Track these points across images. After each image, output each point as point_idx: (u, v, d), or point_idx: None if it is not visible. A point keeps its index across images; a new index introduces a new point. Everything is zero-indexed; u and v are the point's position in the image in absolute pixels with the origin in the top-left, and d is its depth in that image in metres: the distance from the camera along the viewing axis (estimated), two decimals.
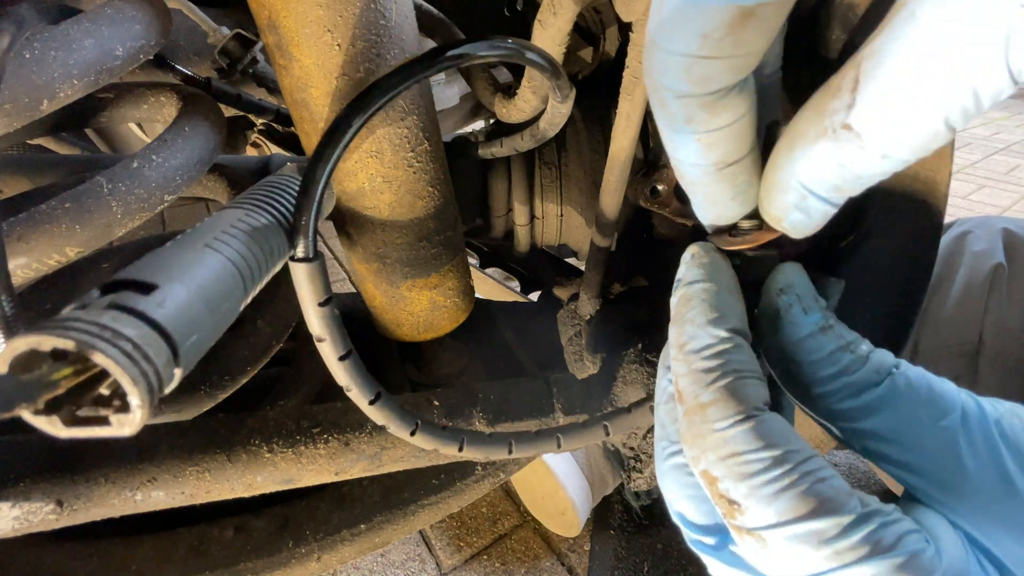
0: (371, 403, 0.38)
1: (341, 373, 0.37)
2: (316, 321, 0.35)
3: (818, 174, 0.21)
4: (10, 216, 0.33)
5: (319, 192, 0.33)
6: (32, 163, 0.54)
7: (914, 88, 0.17)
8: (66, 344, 0.18)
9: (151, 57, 0.40)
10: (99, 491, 0.37)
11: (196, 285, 0.24)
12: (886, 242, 0.39)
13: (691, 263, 0.27)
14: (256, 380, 0.49)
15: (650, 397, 0.44)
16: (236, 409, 0.46)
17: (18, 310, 0.30)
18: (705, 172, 0.24)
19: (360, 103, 0.35)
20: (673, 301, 0.27)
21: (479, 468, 0.55)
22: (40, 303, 0.50)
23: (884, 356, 0.25)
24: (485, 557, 1.20)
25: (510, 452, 0.41)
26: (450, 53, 0.34)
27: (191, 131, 0.41)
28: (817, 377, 0.25)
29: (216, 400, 0.44)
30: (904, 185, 0.37)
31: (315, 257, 0.34)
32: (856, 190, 0.22)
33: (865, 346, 0.26)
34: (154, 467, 0.39)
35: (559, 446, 0.42)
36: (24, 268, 0.34)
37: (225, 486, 0.40)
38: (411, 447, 0.43)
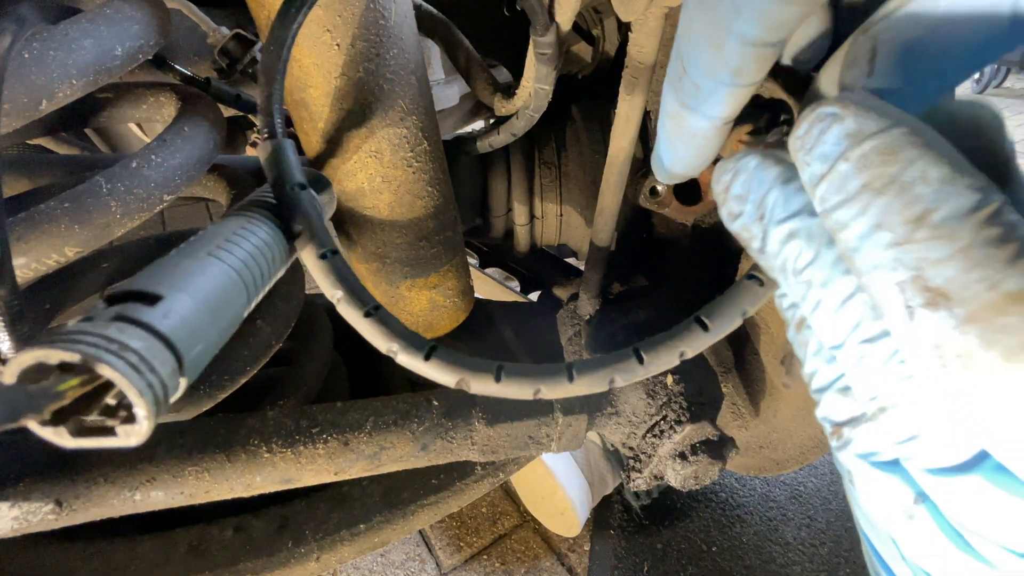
0: (426, 360, 0.29)
1: (375, 334, 0.29)
2: (321, 277, 0.30)
3: None
4: (10, 216, 0.33)
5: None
6: (32, 163, 0.54)
7: None
8: (72, 357, 0.18)
9: (150, 57, 0.40)
10: (98, 491, 0.37)
11: (200, 295, 0.24)
12: None
13: (859, 108, 0.18)
14: (255, 380, 0.49)
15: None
16: (235, 409, 0.46)
17: (22, 308, 0.30)
18: (712, 127, 0.24)
19: None
20: (845, 168, 0.18)
21: (479, 468, 0.55)
22: (39, 302, 0.50)
23: None
24: (485, 557, 1.20)
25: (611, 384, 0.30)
26: None
27: (190, 131, 0.41)
28: None
29: (215, 400, 0.44)
30: None
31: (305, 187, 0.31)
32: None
33: None
34: (153, 467, 0.39)
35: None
36: (23, 268, 0.34)
37: (224, 486, 0.39)
38: (411, 447, 0.43)
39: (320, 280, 0.30)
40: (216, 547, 0.46)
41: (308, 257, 0.31)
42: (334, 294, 0.30)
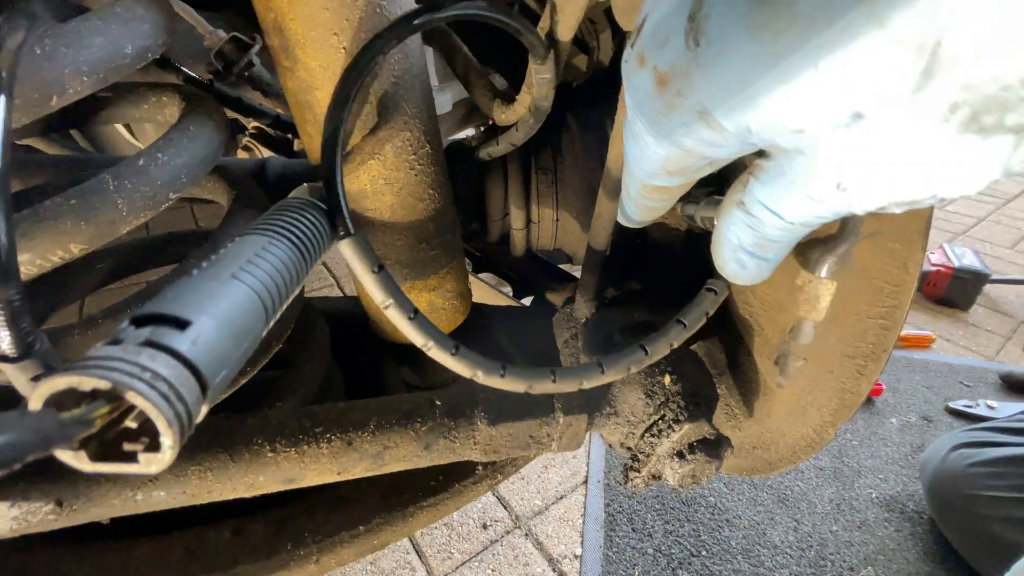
0: (453, 355, 0.40)
1: (415, 332, 0.39)
2: (376, 289, 0.38)
3: (738, 234, 0.27)
4: (15, 212, 0.33)
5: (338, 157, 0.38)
6: (23, 164, 0.53)
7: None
8: (105, 385, 0.18)
9: (157, 57, 0.40)
10: (99, 490, 0.36)
11: (226, 320, 0.24)
12: (872, 244, 0.40)
13: None
14: (253, 382, 0.49)
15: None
16: (233, 411, 0.46)
17: (24, 306, 0.29)
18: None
19: (358, 63, 0.39)
20: None
21: (479, 468, 0.55)
22: (34, 301, 0.49)
23: None
24: (476, 563, 1.20)
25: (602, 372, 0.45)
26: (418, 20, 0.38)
27: (196, 130, 0.42)
28: None
29: (215, 402, 0.43)
30: None
31: (355, 232, 0.38)
32: (773, 249, 0.28)
33: None
34: None
35: None
36: (28, 264, 0.33)
37: (227, 485, 0.39)
38: (414, 447, 0.43)
39: (373, 292, 0.39)
40: (214, 550, 0.46)
41: (364, 276, 0.38)
42: (384, 303, 0.38)
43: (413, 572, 1.18)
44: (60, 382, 0.19)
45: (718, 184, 0.52)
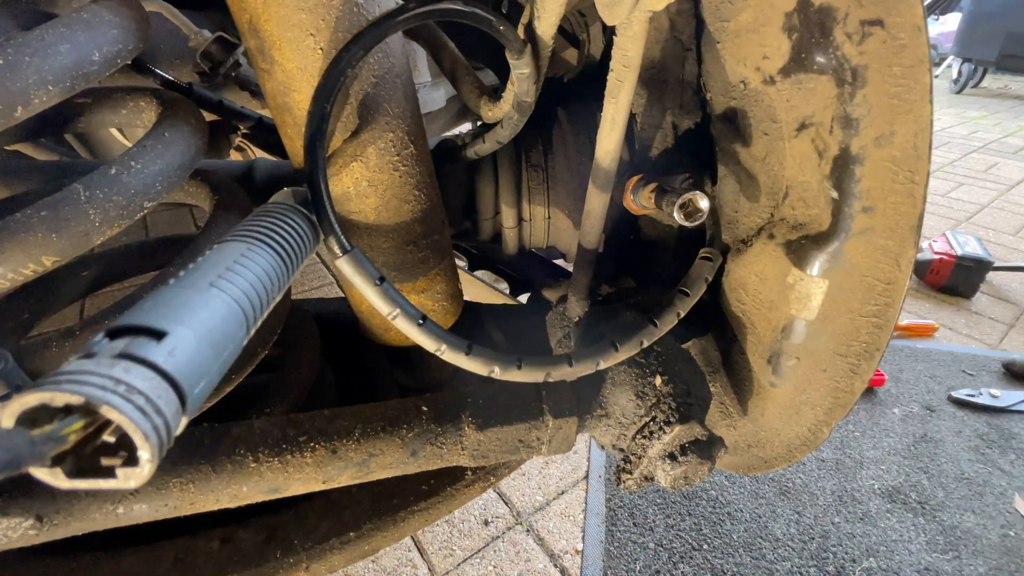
0: (468, 355, 0.41)
1: (426, 338, 0.39)
2: (381, 301, 0.38)
3: None
4: None
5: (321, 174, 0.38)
6: (8, 170, 0.53)
7: None
8: (78, 400, 0.18)
9: (129, 62, 0.40)
10: (80, 505, 0.36)
11: (204, 329, 0.23)
12: (864, 242, 0.39)
13: None
14: (241, 388, 0.48)
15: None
16: (221, 418, 0.45)
17: None
18: None
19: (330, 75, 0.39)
20: None
21: (469, 472, 0.55)
22: (17, 312, 0.49)
23: None
24: (477, 560, 1.20)
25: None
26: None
27: (171, 136, 0.41)
28: None
29: (200, 411, 0.43)
30: (882, 189, 0.37)
31: (351, 249, 0.38)
32: None
33: None
34: None
35: None
36: None
37: (210, 497, 0.39)
38: (400, 453, 0.43)
39: (378, 304, 0.39)
40: (202, 559, 0.46)
41: (366, 290, 0.38)
42: (392, 313, 0.38)
43: (415, 570, 1.18)
44: (31, 399, 0.18)
45: (697, 168, 0.53)
